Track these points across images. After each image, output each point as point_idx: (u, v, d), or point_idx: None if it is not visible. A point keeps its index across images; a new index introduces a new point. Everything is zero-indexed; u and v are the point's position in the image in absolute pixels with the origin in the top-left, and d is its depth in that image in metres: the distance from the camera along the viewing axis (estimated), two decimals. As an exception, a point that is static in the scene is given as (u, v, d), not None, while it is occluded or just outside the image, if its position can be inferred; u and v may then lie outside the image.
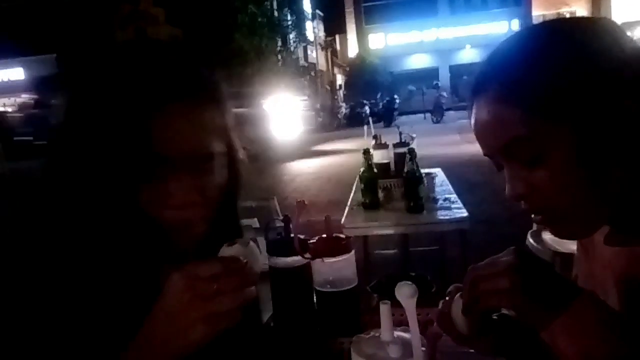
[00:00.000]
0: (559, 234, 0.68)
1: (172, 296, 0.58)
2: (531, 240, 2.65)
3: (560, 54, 0.61)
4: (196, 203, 0.68)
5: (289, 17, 23.63)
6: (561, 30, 0.65)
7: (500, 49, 0.67)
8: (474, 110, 0.68)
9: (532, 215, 0.68)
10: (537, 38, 0.65)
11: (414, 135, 3.26)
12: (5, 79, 19.88)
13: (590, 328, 0.55)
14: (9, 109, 16.02)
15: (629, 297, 0.67)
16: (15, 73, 20.02)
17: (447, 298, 0.70)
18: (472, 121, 0.68)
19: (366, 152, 2.55)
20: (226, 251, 0.66)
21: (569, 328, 0.56)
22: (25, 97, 16.09)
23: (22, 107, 15.70)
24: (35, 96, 15.29)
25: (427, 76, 26.22)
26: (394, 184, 2.71)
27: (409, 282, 0.66)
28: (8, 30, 18.00)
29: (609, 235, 0.71)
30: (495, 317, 0.72)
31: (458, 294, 0.68)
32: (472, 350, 0.74)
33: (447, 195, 2.67)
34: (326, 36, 32.21)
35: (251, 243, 0.69)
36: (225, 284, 0.57)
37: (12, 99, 16.49)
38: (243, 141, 0.79)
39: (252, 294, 0.60)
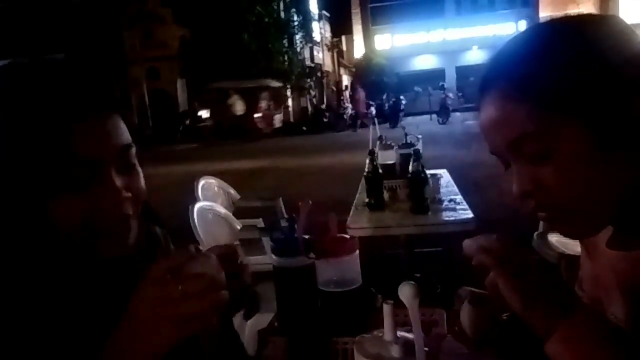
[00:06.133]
0: (564, 232, 0.68)
1: (140, 296, 0.58)
2: (537, 242, 2.64)
3: (568, 50, 0.60)
4: (129, 199, 0.68)
5: (295, 18, 23.70)
6: (569, 27, 0.64)
7: (508, 46, 0.66)
8: (481, 108, 0.67)
9: (538, 213, 0.67)
10: (545, 35, 0.64)
11: (420, 136, 3.26)
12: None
13: (591, 339, 0.55)
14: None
15: (632, 301, 0.67)
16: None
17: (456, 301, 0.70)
18: (480, 118, 0.68)
19: (371, 153, 2.55)
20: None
21: (569, 338, 0.55)
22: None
23: None
24: None
25: (434, 77, 26.10)
26: (399, 184, 2.71)
27: (412, 282, 0.66)
28: (16, 29, 18.10)
29: (612, 239, 0.70)
30: (502, 319, 0.72)
31: (467, 300, 0.67)
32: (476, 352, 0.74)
33: (452, 197, 2.66)
34: (332, 37, 32.26)
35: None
36: (191, 286, 0.56)
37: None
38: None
39: (223, 298, 0.58)
